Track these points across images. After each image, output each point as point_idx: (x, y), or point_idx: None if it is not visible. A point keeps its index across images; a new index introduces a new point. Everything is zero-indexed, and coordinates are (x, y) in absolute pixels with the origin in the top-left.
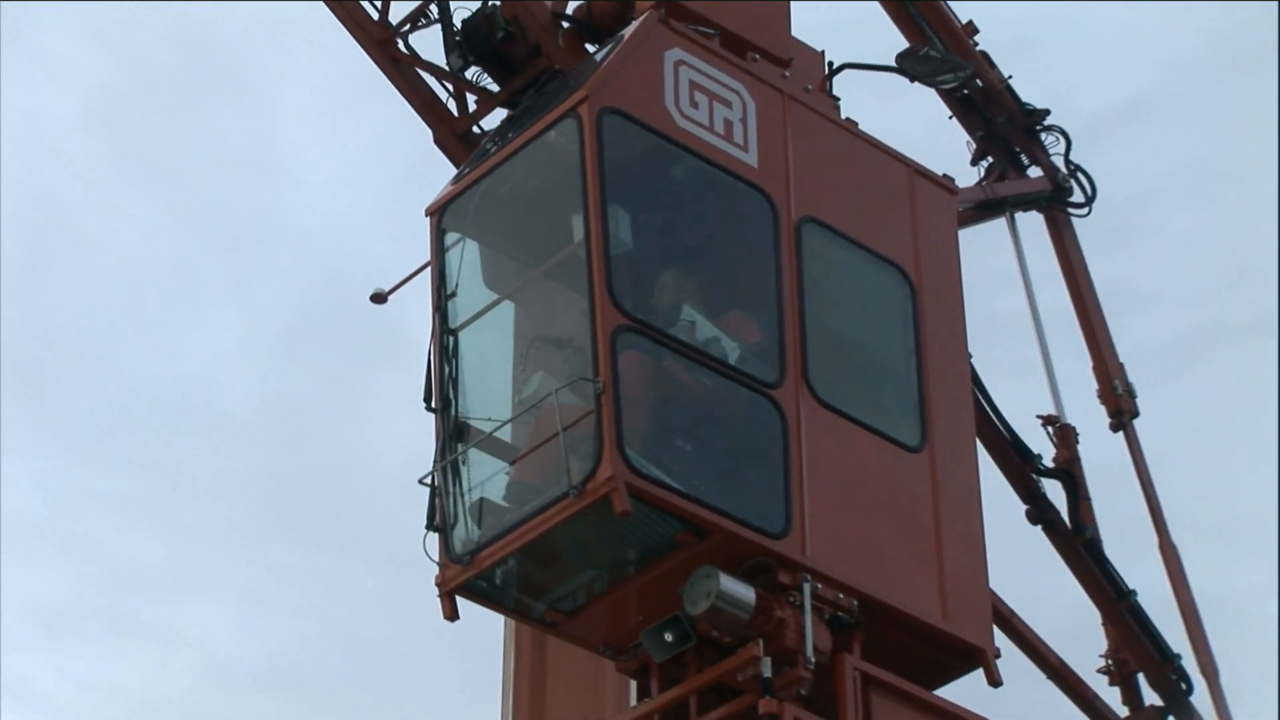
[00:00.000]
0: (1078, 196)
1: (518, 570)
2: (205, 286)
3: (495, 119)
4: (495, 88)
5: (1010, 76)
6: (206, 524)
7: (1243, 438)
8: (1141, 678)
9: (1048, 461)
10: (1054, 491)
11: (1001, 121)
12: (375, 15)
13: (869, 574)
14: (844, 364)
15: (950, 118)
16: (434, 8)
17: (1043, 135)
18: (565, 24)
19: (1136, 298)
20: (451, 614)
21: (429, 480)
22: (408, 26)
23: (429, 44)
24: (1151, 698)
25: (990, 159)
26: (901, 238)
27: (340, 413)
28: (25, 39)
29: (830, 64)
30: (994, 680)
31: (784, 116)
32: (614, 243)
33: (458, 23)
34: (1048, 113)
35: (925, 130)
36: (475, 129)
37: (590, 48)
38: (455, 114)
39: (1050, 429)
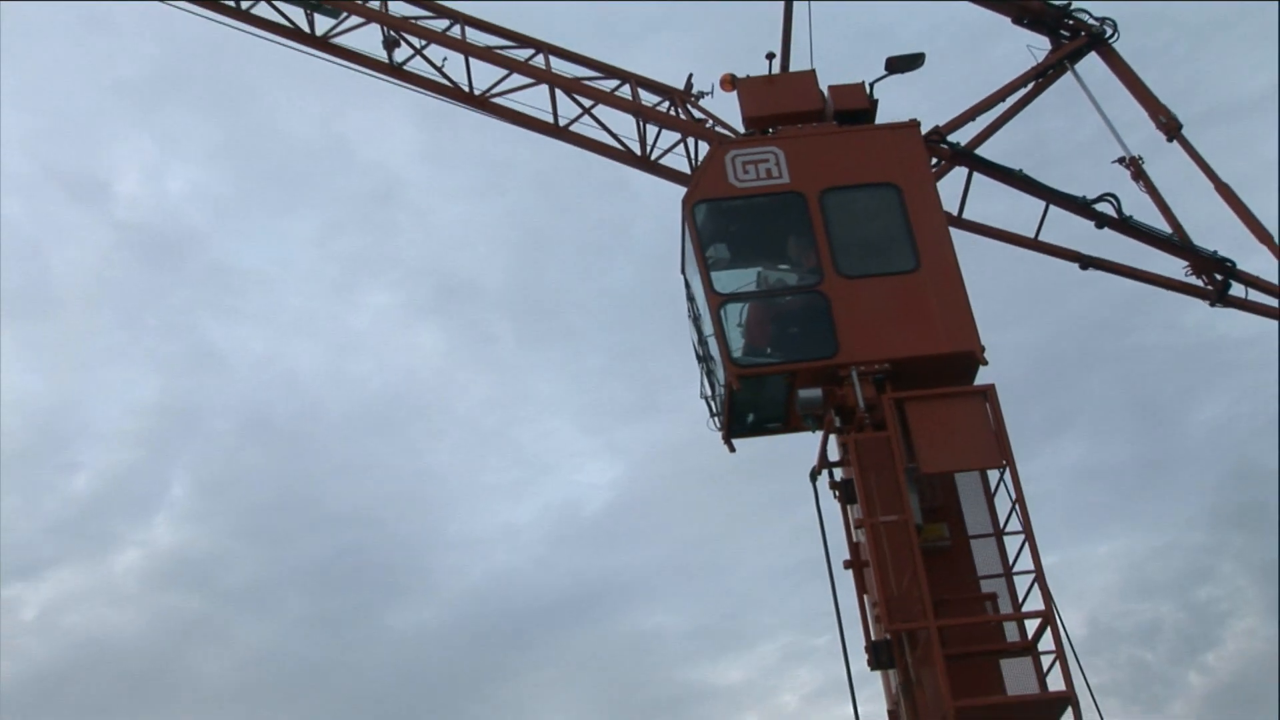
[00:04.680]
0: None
1: (756, 415)
2: (562, 244)
3: None
4: None
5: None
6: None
7: None
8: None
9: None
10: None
11: (1047, 22)
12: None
13: (891, 346)
14: (863, 250)
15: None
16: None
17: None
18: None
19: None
20: (731, 449)
21: (701, 394)
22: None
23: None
24: None
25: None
26: (890, 167)
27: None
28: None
29: (870, 85)
30: (982, 361)
31: (803, 147)
32: (716, 260)
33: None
34: (1067, 6)
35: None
36: None
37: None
38: None
39: (1123, 163)
